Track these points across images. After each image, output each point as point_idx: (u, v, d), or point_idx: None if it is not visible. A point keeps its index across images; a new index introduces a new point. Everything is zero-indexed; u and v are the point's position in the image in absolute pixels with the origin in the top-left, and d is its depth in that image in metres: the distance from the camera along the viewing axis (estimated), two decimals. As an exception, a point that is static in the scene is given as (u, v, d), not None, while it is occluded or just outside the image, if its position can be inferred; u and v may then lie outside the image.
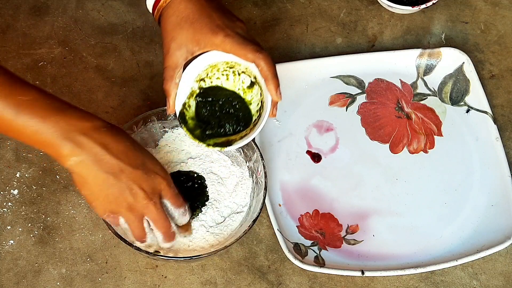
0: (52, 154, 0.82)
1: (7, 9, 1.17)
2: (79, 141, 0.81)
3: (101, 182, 0.84)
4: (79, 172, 0.83)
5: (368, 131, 1.10)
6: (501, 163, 1.06)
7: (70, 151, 0.81)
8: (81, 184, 0.84)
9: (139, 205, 0.86)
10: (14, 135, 0.81)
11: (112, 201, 0.85)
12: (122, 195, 0.85)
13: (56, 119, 0.80)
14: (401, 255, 1.02)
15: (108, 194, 0.85)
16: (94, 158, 0.82)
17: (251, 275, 1.00)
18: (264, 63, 0.91)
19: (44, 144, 0.81)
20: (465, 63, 1.13)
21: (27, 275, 0.99)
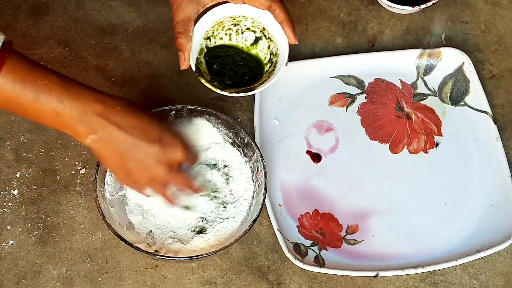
0: (72, 134, 0.85)
1: (7, 9, 1.17)
2: (95, 121, 0.84)
3: (119, 158, 0.87)
4: (97, 149, 0.87)
5: (368, 131, 1.10)
6: (501, 163, 1.06)
7: (87, 131, 0.84)
8: (102, 159, 0.89)
9: (159, 177, 0.90)
10: (34, 118, 0.84)
11: (133, 174, 0.89)
12: (140, 169, 0.89)
13: (72, 102, 0.83)
14: (401, 255, 1.02)
15: (127, 168, 0.88)
16: (109, 136, 0.85)
17: (251, 275, 1.00)
18: (279, 8, 0.95)
19: (63, 125, 0.84)
20: (465, 63, 1.13)
21: (27, 275, 0.99)
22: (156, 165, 0.89)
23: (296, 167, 1.07)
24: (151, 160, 0.88)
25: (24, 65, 0.82)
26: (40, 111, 0.82)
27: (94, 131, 0.84)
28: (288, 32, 0.97)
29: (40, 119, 0.83)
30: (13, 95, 0.80)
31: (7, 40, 0.81)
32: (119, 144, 0.86)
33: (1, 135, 1.07)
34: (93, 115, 0.84)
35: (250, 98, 1.12)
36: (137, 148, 0.87)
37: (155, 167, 0.89)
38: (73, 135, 0.85)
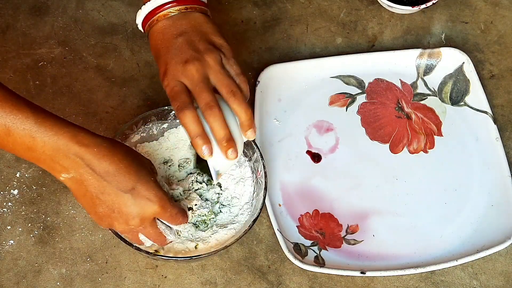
0: (46, 169, 0.84)
1: (7, 9, 1.17)
2: (67, 161, 0.82)
3: (89, 200, 0.85)
4: (70, 187, 0.85)
5: (368, 131, 1.10)
6: (501, 163, 1.06)
7: (60, 169, 0.83)
8: (74, 195, 0.86)
9: (127, 227, 0.87)
10: (7, 150, 0.82)
11: (103, 218, 0.86)
12: (109, 216, 0.86)
13: (45, 139, 0.81)
14: (401, 255, 1.02)
15: (97, 212, 0.86)
16: (81, 177, 0.83)
17: (251, 275, 1.00)
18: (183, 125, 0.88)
19: (36, 160, 0.83)
20: (465, 63, 1.13)
21: (27, 275, 0.99)
22: (125, 216, 0.85)
23: (296, 167, 1.07)
24: (121, 210, 0.84)
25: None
26: (12, 145, 0.81)
27: (66, 170, 0.82)
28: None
29: (13, 151, 0.82)
30: None
31: None
32: (90, 187, 0.83)
33: (1, 135, 1.07)
34: (65, 154, 0.81)
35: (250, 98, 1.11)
36: (108, 195, 0.83)
37: (124, 218, 0.85)
38: (47, 170, 0.84)
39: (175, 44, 0.91)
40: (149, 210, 0.85)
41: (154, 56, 0.94)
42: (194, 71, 0.88)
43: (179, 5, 0.92)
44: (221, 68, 0.90)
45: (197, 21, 0.93)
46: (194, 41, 0.91)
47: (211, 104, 0.87)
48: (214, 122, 0.86)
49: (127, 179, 0.84)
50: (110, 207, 0.84)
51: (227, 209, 0.99)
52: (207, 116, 0.86)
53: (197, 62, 0.89)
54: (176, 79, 0.89)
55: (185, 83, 0.89)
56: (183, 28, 0.92)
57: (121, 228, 0.87)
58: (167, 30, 0.92)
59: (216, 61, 0.90)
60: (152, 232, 0.89)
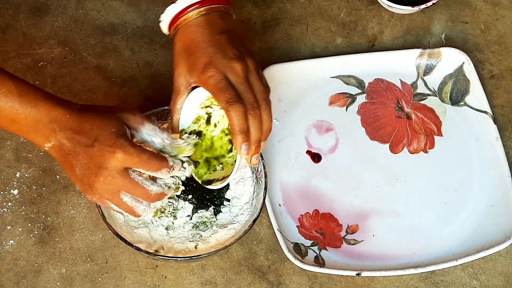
0: (32, 141, 0.86)
1: (7, 9, 1.17)
2: (46, 129, 0.85)
3: (69, 165, 0.86)
4: (55, 157, 0.87)
5: (368, 131, 1.10)
6: (501, 163, 1.06)
7: (42, 140, 0.85)
8: (62, 167, 0.88)
9: (102, 184, 0.86)
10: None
11: (82, 181, 0.86)
12: (85, 177, 0.86)
13: (27, 111, 0.84)
14: (401, 255, 1.02)
15: (77, 176, 0.86)
16: (59, 143, 0.85)
17: (251, 275, 1.00)
18: (230, 118, 0.87)
19: (20, 132, 0.86)
20: (465, 63, 1.13)
21: (27, 275, 0.99)
22: (96, 170, 0.84)
23: (296, 167, 1.07)
24: (90, 165, 0.84)
25: None
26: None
27: (47, 138, 0.85)
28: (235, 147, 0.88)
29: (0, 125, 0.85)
30: None
31: None
32: (66, 151, 0.85)
33: (1, 135, 1.07)
34: (45, 123, 0.84)
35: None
36: (78, 153, 0.85)
37: (95, 172, 0.84)
38: (33, 142, 0.86)
39: (220, 40, 0.91)
40: (112, 157, 0.84)
41: (185, 51, 0.92)
42: (239, 69, 0.89)
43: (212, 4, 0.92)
44: (258, 75, 0.91)
45: (234, 24, 0.94)
46: (236, 42, 0.91)
47: (254, 105, 0.88)
48: (253, 123, 0.87)
49: (90, 134, 0.84)
50: (83, 166, 0.85)
51: (227, 209, 0.99)
52: (249, 116, 0.87)
53: (242, 62, 0.90)
54: (222, 72, 0.89)
55: (229, 78, 0.89)
56: (225, 26, 0.92)
57: (98, 188, 0.86)
58: (208, 25, 0.92)
59: (255, 67, 0.91)
60: (125, 183, 0.85)
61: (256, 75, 0.90)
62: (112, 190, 0.86)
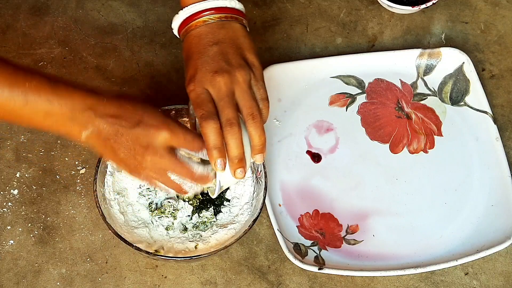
0: (66, 134, 0.85)
1: (7, 9, 1.17)
2: (83, 116, 0.83)
3: (111, 149, 0.86)
4: (93, 145, 0.86)
5: (368, 131, 1.10)
6: (501, 163, 1.06)
7: (79, 128, 0.84)
8: (101, 155, 0.89)
9: (150, 163, 0.87)
10: (26, 122, 0.84)
11: (128, 163, 0.87)
12: (130, 157, 0.86)
13: (61, 100, 0.82)
14: (401, 255, 1.02)
15: (121, 159, 0.86)
16: (98, 129, 0.84)
17: (251, 275, 1.00)
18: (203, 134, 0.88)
19: (55, 125, 0.84)
20: (465, 63, 1.13)
21: (27, 275, 0.99)
22: (142, 150, 0.85)
23: (296, 167, 1.07)
24: (136, 145, 0.85)
25: (9, 69, 0.81)
26: (31, 114, 0.82)
27: (85, 126, 0.84)
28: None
29: (32, 122, 0.83)
30: (2, 101, 0.80)
31: None
32: (106, 134, 0.84)
33: (1, 135, 1.07)
34: (81, 111, 0.83)
35: (250, 98, 1.12)
36: (121, 135, 0.85)
37: (142, 153, 0.85)
38: (68, 136, 0.85)
39: (209, 52, 0.92)
40: (159, 137, 0.85)
41: (185, 60, 0.94)
42: (222, 83, 0.89)
43: (219, 13, 0.93)
44: (248, 88, 0.91)
45: (235, 33, 0.93)
46: (228, 53, 0.91)
47: (233, 121, 0.88)
48: (231, 139, 0.87)
49: (134, 115, 0.85)
50: (127, 147, 0.85)
51: (227, 209, 0.99)
52: (226, 133, 0.87)
53: (227, 75, 0.89)
54: (203, 87, 0.90)
55: (211, 93, 0.89)
56: (220, 37, 0.92)
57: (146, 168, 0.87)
58: (204, 36, 0.93)
59: (245, 80, 0.91)
60: (172, 162, 0.87)
61: (245, 88, 0.90)
62: (159, 169, 0.87)
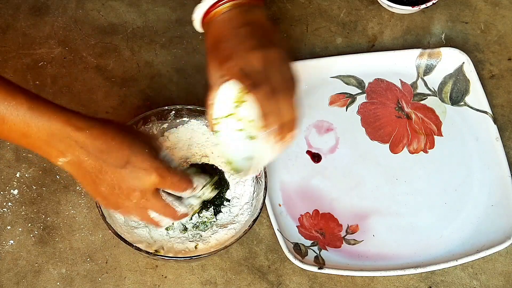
0: (43, 155, 0.84)
1: (7, 9, 1.17)
2: (62, 144, 0.82)
3: (90, 181, 0.85)
4: (69, 171, 0.85)
5: (368, 131, 1.10)
6: (501, 163, 1.06)
7: (56, 154, 0.83)
8: (77, 179, 0.86)
9: (133, 204, 0.86)
10: (3, 138, 0.83)
11: (108, 198, 0.86)
12: (112, 195, 0.85)
13: (39, 124, 0.81)
14: (401, 255, 1.02)
15: (100, 192, 0.86)
16: (78, 160, 0.83)
17: (251, 275, 1.00)
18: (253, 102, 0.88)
19: (31, 146, 0.83)
20: (465, 63, 1.13)
21: (27, 275, 0.99)
22: (127, 191, 0.85)
23: (296, 167, 1.07)
24: (121, 186, 0.84)
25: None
26: (7, 132, 0.81)
27: (63, 154, 0.83)
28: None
29: (8, 139, 0.83)
30: None
31: None
32: (87, 169, 0.83)
33: (1, 135, 1.07)
34: (60, 138, 0.82)
35: (250, 98, 1.12)
36: (105, 173, 0.83)
37: (126, 193, 0.85)
38: (44, 157, 0.84)
39: (242, 32, 0.91)
40: (147, 180, 0.84)
41: (212, 44, 0.92)
42: (255, 60, 0.88)
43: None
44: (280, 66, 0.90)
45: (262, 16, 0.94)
46: (260, 33, 0.91)
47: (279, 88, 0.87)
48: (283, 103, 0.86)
49: (121, 155, 0.84)
50: (110, 184, 0.84)
51: (227, 209, 0.99)
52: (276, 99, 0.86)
53: (263, 51, 0.89)
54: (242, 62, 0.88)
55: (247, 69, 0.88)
56: (249, 19, 0.92)
57: (126, 205, 0.86)
58: (234, 19, 0.92)
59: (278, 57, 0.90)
60: (158, 204, 0.87)
61: (277, 66, 0.90)
62: (141, 209, 0.87)
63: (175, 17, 1.18)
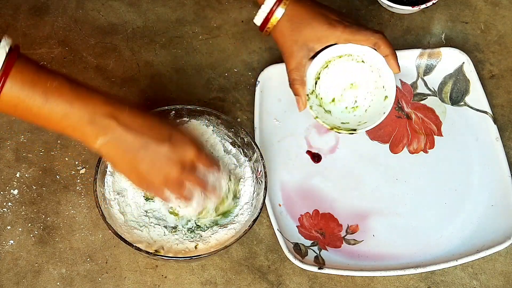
0: (80, 138, 0.85)
1: (7, 9, 1.17)
2: (104, 123, 0.84)
3: (129, 160, 0.86)
4: (107, 153, 0.86)
5: (368, 131, 1.10)
6: (501, 163, 1.06)
7: (96, 133, 0.84)
8: (113, 163, 0.88)
9: (172, 176, 0.88)
10: (42, 122, 0.83)
11: (146, 176, 0.88)
12: (153, 170, 0.87)
13: (81, 104, 0.82)
14: (401, 255, 1.02)
15: (139, 171, 0.87)
16: (119, 138, 0.84)
17: (251, 275, 1.00)
18: (384, 43, 1.01)
19: (71, 127, 0.83)
20: (465, 63, 1.13)
21: (27, 275, 0.99)
22: (169, 164, 0.87)
23: (296, 167, 1.07)
24: (163, 160, 0.87)
25: (32, 68, 0.81)
26: (48, 114, 0.82)
27: (103, 133, 0.84)
28: (393, 64, 1.02)
29: (48, 122, 0.83)
30: (22, 99, 0.80)
31: (14, 43, 0.80)
32: (129, 146, 0.85)
33: (1, 135, 1.07)
34: (102, 117, 0.83)
35: (250, 98, 1.12)
36: (147, 148, 0.86)
37: (168, 167, 0.87)
38: (81, 139, 0.84)
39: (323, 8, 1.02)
40: (189, 153, 0.89)
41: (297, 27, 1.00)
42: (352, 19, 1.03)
43: None
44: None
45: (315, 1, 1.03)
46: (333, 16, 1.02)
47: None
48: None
49: (163, 130, 0.88)
50: (152, 160, 0.86)
51: (227, 209, 0.99)
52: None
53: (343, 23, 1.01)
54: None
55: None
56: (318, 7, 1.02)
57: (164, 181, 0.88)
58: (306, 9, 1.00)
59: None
60: (195, 176, 0.91)
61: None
62: (178, 183, 0.89)
63: (175, 17, 1.18)
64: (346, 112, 1.05)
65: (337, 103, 1.05)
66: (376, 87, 1.05)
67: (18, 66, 0.80)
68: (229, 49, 1.17)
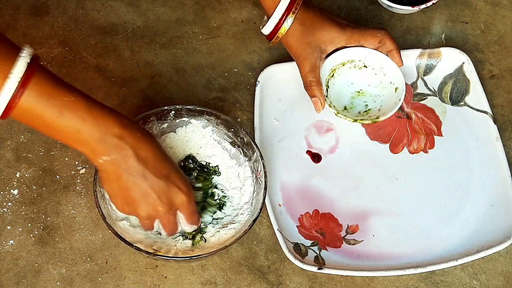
0: (86, 152, 0.86)
1: (7, 9, 1.17)
2: (113, 143, 0.85)
3: (124, 184, 0.87)
4: (106, 170, 0.87)
5: (368, 131, 1.10)
6: (501, 163, 1.06)
7: (102, 151, 0.85)
8: (105, 180, 0.88)
9: (154, 212, 0.90)
10: (53, 133, 0.84)
11: (132, 203, 0.89)
12: (142, 200, 0.88)
13: (94, 121, 0.84)
14: (401, 255, 1.02)
15: (127, 195, 0.88)
16: (123, 160, 0.86)
17: (251, 275, 1.00)
18: (389, 39, 1.07)
19: (80, 142, 0.85)
20: (465, 63, 1.13)
21: (27, 275, 0.99)
22: (158, 201, 0.88)
23: (296, 167, 1.07)
24: (153, 195, 0.88)
25: (50, 80, 0.82)
26: (60, 127, 0.83)
27: (109, 152, 0.85)
28: (397, 58, 1.08)
29: (59, 135, 0.84)
30: (36, 110, 0.81)
31: (35, 54, 0.81)
32: (129, 170, 0.86)
33: (1, 135, 1.07)
34: (112, 137, 0.84)
35: (250, 98, 1.12)
36: (145, 178, 0.87)
37: (156, 202, 0.89)
38: (86, 153, 0.86)
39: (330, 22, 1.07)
40: (179, 198, 0.90)
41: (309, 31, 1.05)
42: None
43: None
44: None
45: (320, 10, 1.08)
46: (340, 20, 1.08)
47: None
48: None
49: (163, 166, 0.89)
50: (144, 191, 0.87)
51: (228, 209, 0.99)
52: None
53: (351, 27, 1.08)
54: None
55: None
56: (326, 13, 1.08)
57: (144, 213, 0.89)
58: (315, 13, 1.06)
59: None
60: (172, 220, 0.92)
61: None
62: (154, 217, 0.91)
63: (175, 17, 1.19)
64: (360, 116, 1.07)
65: (350, 110, 1.08)
66: (383, 87, 1.08)
67: (37, 78, 0.80)
68: (229, 49, 1.17)
